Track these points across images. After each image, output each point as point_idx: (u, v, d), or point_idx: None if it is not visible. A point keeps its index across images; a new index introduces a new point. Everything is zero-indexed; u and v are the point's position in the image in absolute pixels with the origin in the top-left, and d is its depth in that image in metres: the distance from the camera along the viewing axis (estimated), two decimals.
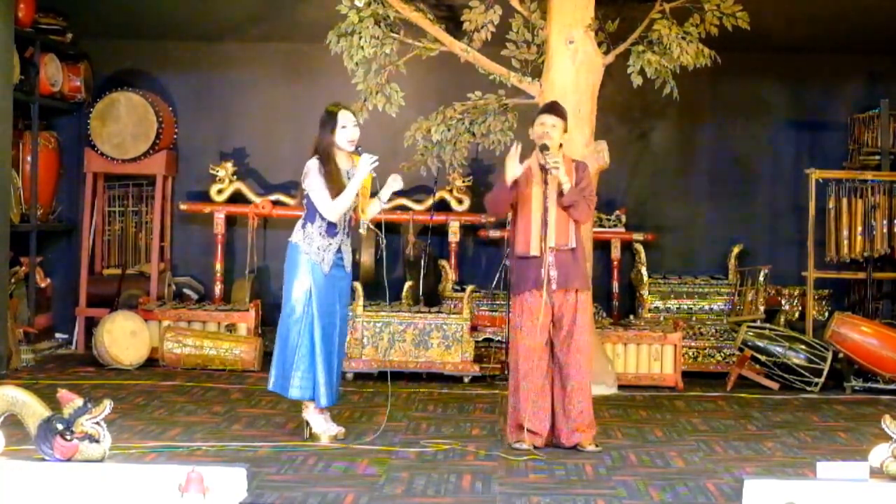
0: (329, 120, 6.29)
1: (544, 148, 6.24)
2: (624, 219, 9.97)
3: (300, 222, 6.35)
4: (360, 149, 6.28)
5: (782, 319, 9.61)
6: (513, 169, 6.21)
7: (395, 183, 6.35)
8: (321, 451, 6.08)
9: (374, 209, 6.43)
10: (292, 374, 6.24)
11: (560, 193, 6.24)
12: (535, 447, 6.23)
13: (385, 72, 8.29)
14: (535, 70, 8.35)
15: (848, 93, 10.21)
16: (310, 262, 6.25)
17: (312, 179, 6.23)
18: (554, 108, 6.45)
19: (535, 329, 6.25)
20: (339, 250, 6.32)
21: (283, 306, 6.34)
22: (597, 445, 6.26)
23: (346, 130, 6.27)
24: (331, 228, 6.29)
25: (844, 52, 9.99)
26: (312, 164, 6.26)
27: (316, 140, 6.32)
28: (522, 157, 6.32)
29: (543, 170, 6.28)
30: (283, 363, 6.28)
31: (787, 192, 10.19)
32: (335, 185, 6.20)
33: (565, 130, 6.41)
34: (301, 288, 6.25)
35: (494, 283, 8.84)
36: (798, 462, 6.05)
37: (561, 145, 6.39)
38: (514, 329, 6.39)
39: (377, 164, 6.21)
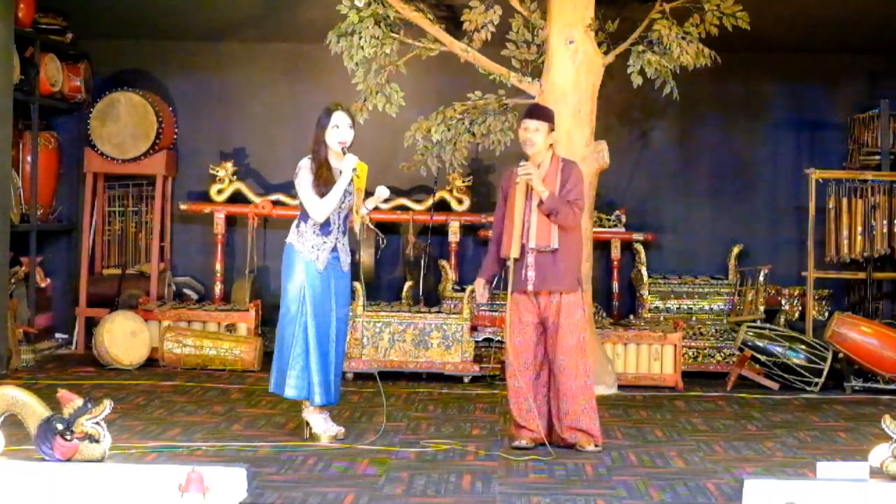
0: (324, 118, 6.30)
1: (525, 159, 6.28)
2: (624, 219, 9.97)
3: (295, 223, 6.37)
4: (344, 149, 6.28)
5: (782, 319, 9.62)
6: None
7: (381, 193, 6.36)
8: (321, 451, 6.08)
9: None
10: (288, 373, 6.25)
11: (540, 201, 6.22)
12: (535, 445, 6.24)
13: (385, 72, 8.29)
14: (535, 70, 8.35)
15: (848, 93, 10.20)
16: (304, 261, 6.26)
17: (301, 179, 6.26)
18: (535, 112, 6.38)
19: (523, 326, 6.28)
20: (334, 249, 6.32)
21: (281, 307, 6.35)
22: (596, 445, 6.26)
23: (338, 131, 6.26)
24: (325, 227, 6.29)
25: (844, 52, 9.99)
26: (304, 163, 6.29)
27: (313, 138, 6.33)
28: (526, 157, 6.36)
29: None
30: (281, 363, 6.30)
31: (787, 192, 10.19)
32: (326, 183, 6.21)
33: (552, 130, 6.32)
34: (295, 287, 6.26)
35: (494, 283, 8.83)
36: (798, 462, 6.05)
37: (552, 145, 6.34)
38: (508, 328, 6.39)
39: (354, 163, 6.20)
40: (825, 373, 8.51)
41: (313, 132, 6.32)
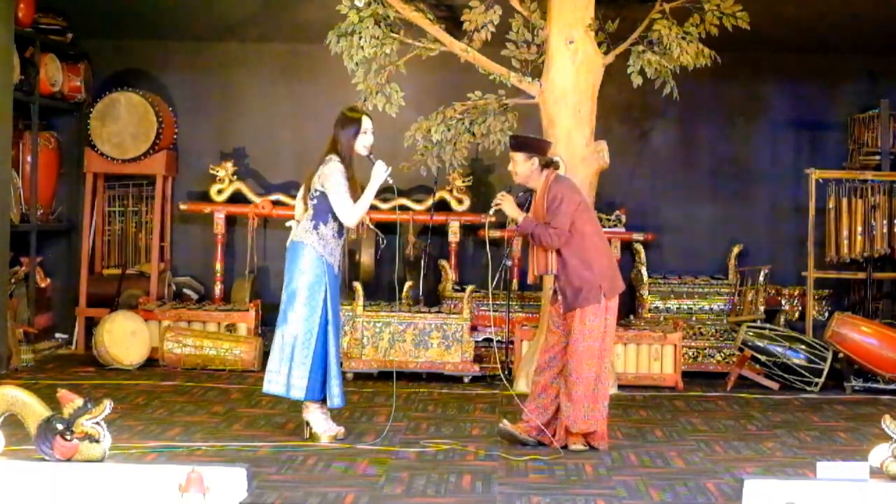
0: (352, 124, 6.33)
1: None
2: (624, 219, 9.96)
3: (310, 223, 6.30)
4: (372, 156, 6.34)
5: (782, 319, 9.62)
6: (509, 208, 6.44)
7: (379, 169, 6.31)
8: (321, 451, 6.08)
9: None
10: (305, 375, 6.22)
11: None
12: (522, 434, 6.32)
13: (385, 72, 8.29)
14: (535, 70, 8.36)
15: (848, 93, 10.20)
16: (325, 264, 6.26)
17: (336, 182, 6.22)
18: (512, 144, 6.48)
19: (551, 330, 6.40)
20: (342, 249, 6.41)
21: (287, 306, 6.29)
22: (583, 445, 6.28)
23: (367, 136, 6.35)
24: (340, 229, 6.34)
25: (844, 52, 9.99)
26: (337, 167, 6.26)
27: (335, 141, 6.33)
28: None
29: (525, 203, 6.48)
30: (291, 364, 6.25)
31: (787, 192, 10.18)
32: (354, 188, 6.25)
33: (530, 157, 6.32)
34: (317, 289, 6.25)
35: (494, 283, 8.82)
36: (798, 462, 6.05)
37: (545, 167, 6.36)
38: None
39: (388, 170, 6.32)
40: (825, 373, 8.51)
41: (337, 136, 6.32)
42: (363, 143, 6.33)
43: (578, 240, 6.26)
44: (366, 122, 6.35)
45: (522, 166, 6.35)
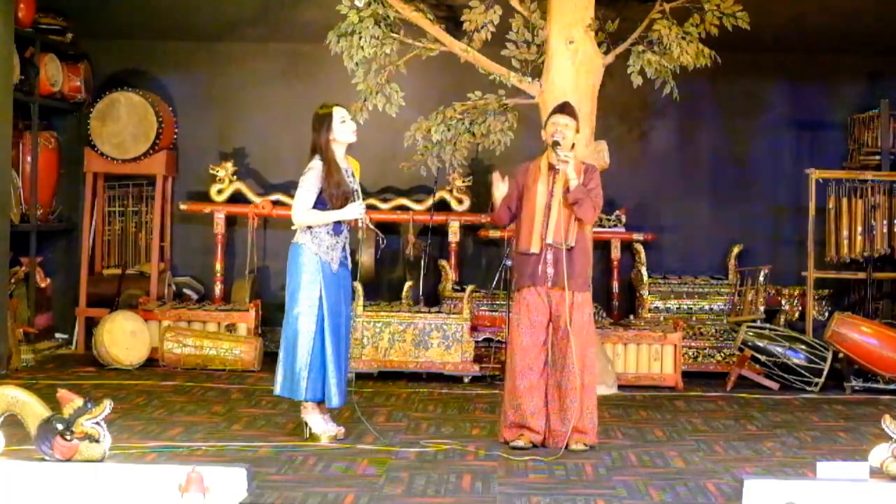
0: (325, 119, 6.31)
1: (556, 144, 6.31)
2: (624, 219, 9.96)
3: None
4: (356, 192, 6.36)
5: (782, 319, 9.62)
6: (498, 191, 6.45)
7: (355, 212, 6.35)
8: (321, 451, 6.09)
9: None
10: (304, 375, 6.22)
11: (567, 190, 6.27)
12: (533, 445, 6.24)
13: (385, 72, 8.29)
14: (535, 70, 8.35)
15: (848, 93, 10.20)
16: (319, 262, 6.26)
17: (309, 179, 6.26)
18: (566, 109, 6.52)
19: (532, 327, 6.28)
20: (343, 248, 6.38)
21: (288, 307, 6.31)
22: (584, 445, 6.27)
23: (346, 124, 6.33)
24: (337, 227, 6.33)
25: (844, 52, 9.98)
26: (316, 164, 6.28)
27: (314, 143, 6.33)
28: (527, 158, 6.42)
29: (551, 168, 6.33)
30: (293, 365, 6.26)
31: (787, 192, 10.19)
32: (339, 185, 6.23)
33: (577, 131, 6.48)
34: (311, 289, 6.24)
35: (494, 283, 8.81)
36: (798, 462, 6.05)
37: (573, 145, 6.44)
38: (512, 327, 6.41)
39: (364, 215, 6.36)
40: (825, 373, 8.51)
41: (317, 139, 6.31)
42: (346, 131, 6.32)
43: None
44: (338, 112, 6.33)
45: (574, 136, 6.43)
